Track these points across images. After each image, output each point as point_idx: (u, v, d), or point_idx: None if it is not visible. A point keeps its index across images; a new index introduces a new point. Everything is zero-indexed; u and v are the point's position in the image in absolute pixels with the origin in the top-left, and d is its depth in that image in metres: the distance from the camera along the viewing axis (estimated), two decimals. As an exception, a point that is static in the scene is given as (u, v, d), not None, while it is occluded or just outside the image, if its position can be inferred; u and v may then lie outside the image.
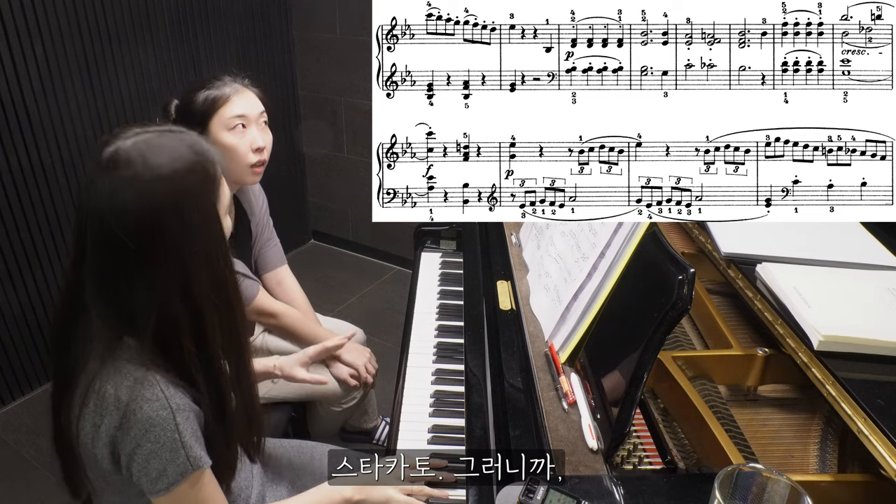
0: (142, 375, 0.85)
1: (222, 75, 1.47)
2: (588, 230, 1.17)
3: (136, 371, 0.85)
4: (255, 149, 1.43)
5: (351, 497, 1.02)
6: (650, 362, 0.86)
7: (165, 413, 0.84)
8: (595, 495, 0.83)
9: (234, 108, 1.42)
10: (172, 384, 0.87)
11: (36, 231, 2.25)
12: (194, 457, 0.87)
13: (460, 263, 1.66)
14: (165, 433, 0.84)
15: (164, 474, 0.86)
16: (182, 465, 0.86)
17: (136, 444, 0.84)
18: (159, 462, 0.85)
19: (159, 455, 0.85)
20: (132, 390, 0.84)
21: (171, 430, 0.85)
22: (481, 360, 1.21)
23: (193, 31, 2.63)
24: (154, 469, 0.85)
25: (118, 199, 0.82)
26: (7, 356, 2.29)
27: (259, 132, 1.45)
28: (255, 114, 1.45)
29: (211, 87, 1.43)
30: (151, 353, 0.87)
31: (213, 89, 1.42)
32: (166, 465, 0.85)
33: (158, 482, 0.86)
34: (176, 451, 0.85)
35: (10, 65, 2.05)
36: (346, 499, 1.02)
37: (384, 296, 3.06)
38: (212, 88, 1.43)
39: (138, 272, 0.84)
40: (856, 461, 0.91)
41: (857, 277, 1.02)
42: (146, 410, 0.83)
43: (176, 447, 0.85)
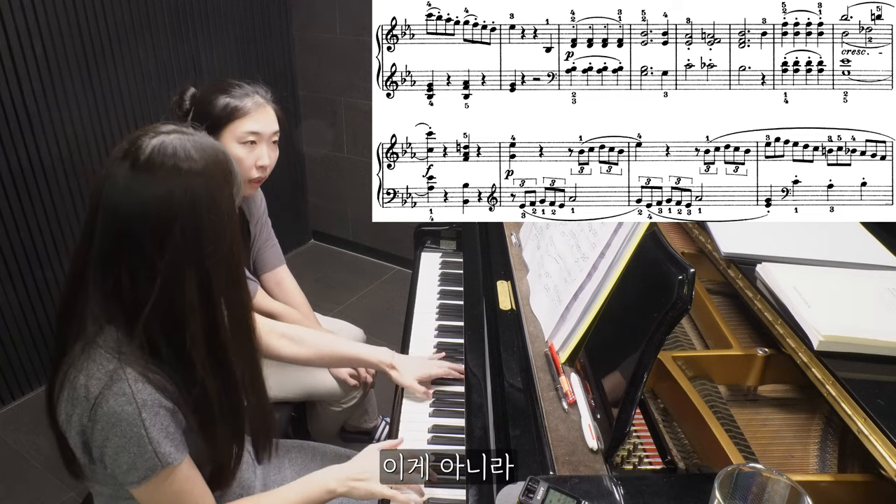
0: (113, 369, 0.85)
1: (245, 82, 1.44)
2: (588, 230, 1.17)
3: (109, 363, 0.86)
4: (259, 165, 1.42)
5: (335, 489, 1.03)
6: (650, 362, 0.86)
7: (131, 408, 0.84)
8: (595, 495, 0.83)
9: (251, 124, 1.39)
10: (144, 380, 0.86)
11: (36, 231, 2.25)
12: (163, 453, 0.87)
13: (460, 263, 1.66)
14: (131, 428, 0.84)
15: (133, 468, 0.86)
16: (150, 460, 0.86)
17: (104, 438, 0.85)
18: (128, 456, 0.86)
19: (127, 449, 0.85)
20: (101, 383, 0.84)
21: (136, 425, 0.85)
22: (481, 360, 1.21)
23: (193, 31, 2.63)
24: (124, 462, 0.86)
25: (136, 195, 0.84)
26: (7, 356, 2.29)
27: (268, 150, 1.44)
28: (269, 132, 1.43)
29: (232, 94, 1.40)
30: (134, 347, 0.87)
31: (235, 98, 1.40)
32: (135, 458, 0.86)
33: (129, 475, 0.87)
34: (143, 447, 0.85)
35: (10, 65, 2.05)
36: (331, 490, 1.03)
37: (384, 296, 3.06)
38: (233, 97, 1.40)
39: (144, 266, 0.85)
40: (856, 461, 0.91)
41: (857, 277, 1.02)
42: (112, 405, 0.84)
43: (143, 443, 0.85)
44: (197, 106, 1.42)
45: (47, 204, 2.26)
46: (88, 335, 0.88)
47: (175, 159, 0.85)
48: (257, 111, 1.41)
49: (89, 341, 0.88)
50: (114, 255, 0.86)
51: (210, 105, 1.39)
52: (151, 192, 0.84)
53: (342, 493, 1.03)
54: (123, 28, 2.34)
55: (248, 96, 1.41)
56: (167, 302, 0.86)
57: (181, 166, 0.85)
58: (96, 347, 0.87)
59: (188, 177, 0.85)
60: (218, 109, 1.38)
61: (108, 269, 0.86)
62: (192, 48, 2.64)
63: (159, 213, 0.84)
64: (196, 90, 1.45)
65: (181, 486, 0.91)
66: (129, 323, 0.87)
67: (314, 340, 1.36)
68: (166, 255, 0.84)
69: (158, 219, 0.84)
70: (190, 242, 0.85)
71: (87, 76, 2.27)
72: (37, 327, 2.34)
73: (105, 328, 0.88)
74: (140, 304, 0.85)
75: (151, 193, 0.84)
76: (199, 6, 2.62)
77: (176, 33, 2.55)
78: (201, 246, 0.86)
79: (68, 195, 2.32)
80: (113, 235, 0.85)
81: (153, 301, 0.85)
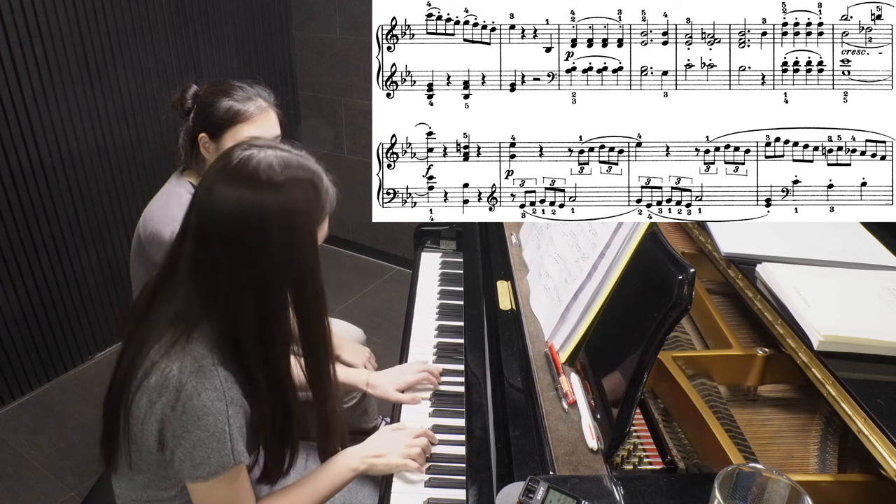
0: (207, 364, 0.89)
1: (247, 83, 1.44)
2: (588, 230, 1.17)
3: (204, 359, 0.89)
4: None
5: (357, 467, 1.09)
6: (650, 362, 0.86)
7: (220, 405, 0.88)
8: (595, 495, 0.83)
9: (253, 129, 1.39)
10: (233, 379, 0.91)
11: (36, 231, 2.25)
12: (238, 451, 0.91)
13: (460, 263, 1.66)
14: (217, 423, 0.88)
15: (206, 462, 0.89)
16: (226, 456, 0.90)
17: (185, 429, 0.88)
18: (205, 450, 0.89)
19: (206, 444, 0.88)
20: (194, 376, 0.87)
21: (222, 421, 0.88)
22: (481, 360, 1.21)
23: (193, 30, 2.63)
24: (198, 456, 0.89)
25: (215, 200, 0.87)
26: (7, 356, 2.29)
27: None
28: (271, 137, 1.43)
29: (235, 97, 1.40)
30: (220, 345, 0.90)
31: (238, 102, 1.39)
32: (211, 454, 0.89)
33: (199, 469, 0.90)
34: (223, 443, 0.89)
35: (10, 65, 2.05)
36: (354, 468, 1.09)
37: (384, 296, 3.06)
38: (236, 100, 1.39)
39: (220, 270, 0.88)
40: (856, 461, 0.91)
41: (857, 277, 1.02)
42: (203, 398, 0.87)
43: (224, 439, 0.89)
44: (199, 106, 1.42)
45: (47, 204, 2.26)
46: (180, 333, 0.90)
47: (255, 172, 0.88)
48: (260, 116, 1.41)
49: (184, 338, 0.90)
50: (203, 257, 0.90)
51: (212, 107, 1.39)
52: (226, 200, 0.87)
53: (363, 469, 1.09)
54: (123, 28, 2.34)
55: (250, 100, 1.41)
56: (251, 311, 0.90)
57: (259, 179, 0.88)
58: (192, 341, 0.89)
59: (262, 190, 0.87)
60: (220, 112, 1.38)
61: (200, 268, 0.90)
62: (192, 48, 2.64)
63: (231, 222, 0.87)
64: (198, 89, 1.45)
65: (238, 484, 0.95)
66: (224, 323, 0.90)
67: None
68: (238, 266, 0.88)
69: (230, 227, 0.87)
70: (258, 255, 0.88)
71: (87, 76, 2.27)
72: (37, 327, 2.34)
73: (201, 324, 0.91)
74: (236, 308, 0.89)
75: (225, 201, 0.87)
76: (199, 6, 2.62)
77: (176, 33, 2.55)
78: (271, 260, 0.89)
79: (68, 195, 2.32)
80: (196, 236, 0.90)
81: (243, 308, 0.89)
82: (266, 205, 0.87)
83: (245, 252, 0.88)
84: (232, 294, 0.89)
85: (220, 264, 0.88)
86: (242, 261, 0.88)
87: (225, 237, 0.87)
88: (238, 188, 0.87)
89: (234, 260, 0.88)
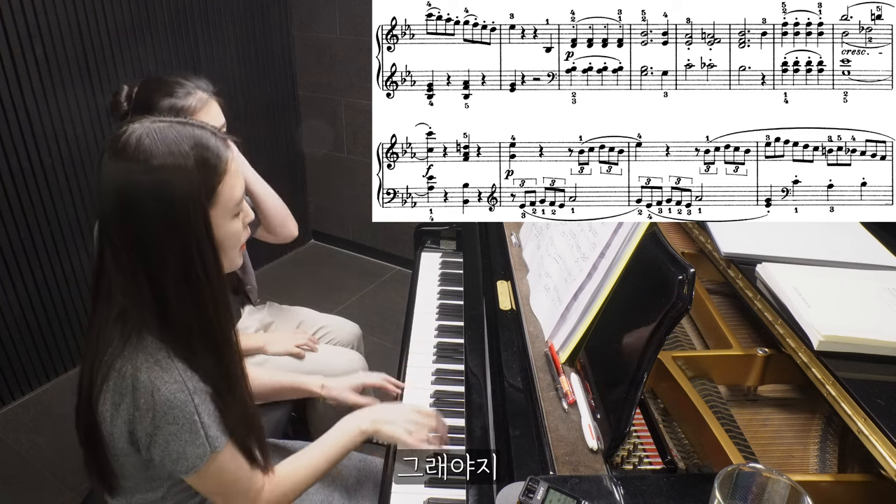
0: (162, 357, 0.87)
1: (185, 79, 1.41)
2: (588, 230, 1.17)
3: (158, 353, 0.88)
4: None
5: (366, 429, 1.08)
6: (650, 362, 0.86)
7: (184, 395, 0.87)
8: (595, 495, 0.83)
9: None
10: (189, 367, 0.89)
11: (36, 231, 2.25)
12: (213, 437, 0.90)
13: (460, 263, 1.66)
14: (184, 414, 0.87)
15: (183, 456, 0.88)
16: (201, 446, 0.89)
17: (155, 426, 0.87)
18: (179, 444, 0.88)
19: (179, 437, 0.87)
20: (152, 372, 0.86)
21: (190, 411, 0.87)
22: (481, 360, 1.21)
23: (193, 30, 2.63)
24: (174, 451, 0.88)
25: (111, 183, 0.85)
26: (7, 356, 2.29)
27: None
28: (217, 126, 1.42)
29: (175, 94, 1.37)
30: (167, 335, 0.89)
31: (178, 98, 1.37)
32: (185, 446, 0.88)
33: (179, 464, 0.89)
34: (195, 433, 0.88)
35: (10, 65, 2.05)
36: (363, 430, 1.08)
37: (384, 296, 3.06)
38: (176, 97, 1.37)
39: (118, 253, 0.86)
40: (856, 461, 0.91)
41: (857, 277, 1.02)
42: (164, 392, 0.86)
43: (195, 429, 0.88)
44: (138, 108, 1.38)
45: (47, 204, 2.26)
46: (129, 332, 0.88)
47: (125, 146, 0.85)
48: (202, 108, 1.39)
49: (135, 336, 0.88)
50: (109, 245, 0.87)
51: (154, 109, 1.35)
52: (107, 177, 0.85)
53: (371, 432, 1.08)
54: (123, 28, 2.34)
55: (191, 94, 1.38)
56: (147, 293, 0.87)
57: (129, 152, 0.84)
58: (144, 337, 0.88)
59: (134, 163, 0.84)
60: (163, 113, 1.34)
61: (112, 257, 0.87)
62: (192, 48, 2.64)
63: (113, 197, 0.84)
64: (132, 90, 1.41)
65: (230, 465, 0.94)
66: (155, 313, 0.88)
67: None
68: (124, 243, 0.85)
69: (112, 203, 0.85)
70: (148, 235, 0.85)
71: (87, 76, 2.27)
72: (37, 327, 2.34)
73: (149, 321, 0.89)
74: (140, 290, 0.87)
75: (106, 178, 0.85)
76: (199, 6, 2.62)
77: (176, 33, 2.55)
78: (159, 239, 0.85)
79: (68, 195, 2.32)
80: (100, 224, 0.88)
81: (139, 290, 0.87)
82: (136, 178, 0.84)
83: (126, 228, 0.85)
84: (132, 276, 0.86)
85: (115, 246, 0.86)
86: (125, 236, 0.85)
87: (110, 215, 0.85)
88: (114, 163, 0.84)
89: (121, 237, 0.85)
